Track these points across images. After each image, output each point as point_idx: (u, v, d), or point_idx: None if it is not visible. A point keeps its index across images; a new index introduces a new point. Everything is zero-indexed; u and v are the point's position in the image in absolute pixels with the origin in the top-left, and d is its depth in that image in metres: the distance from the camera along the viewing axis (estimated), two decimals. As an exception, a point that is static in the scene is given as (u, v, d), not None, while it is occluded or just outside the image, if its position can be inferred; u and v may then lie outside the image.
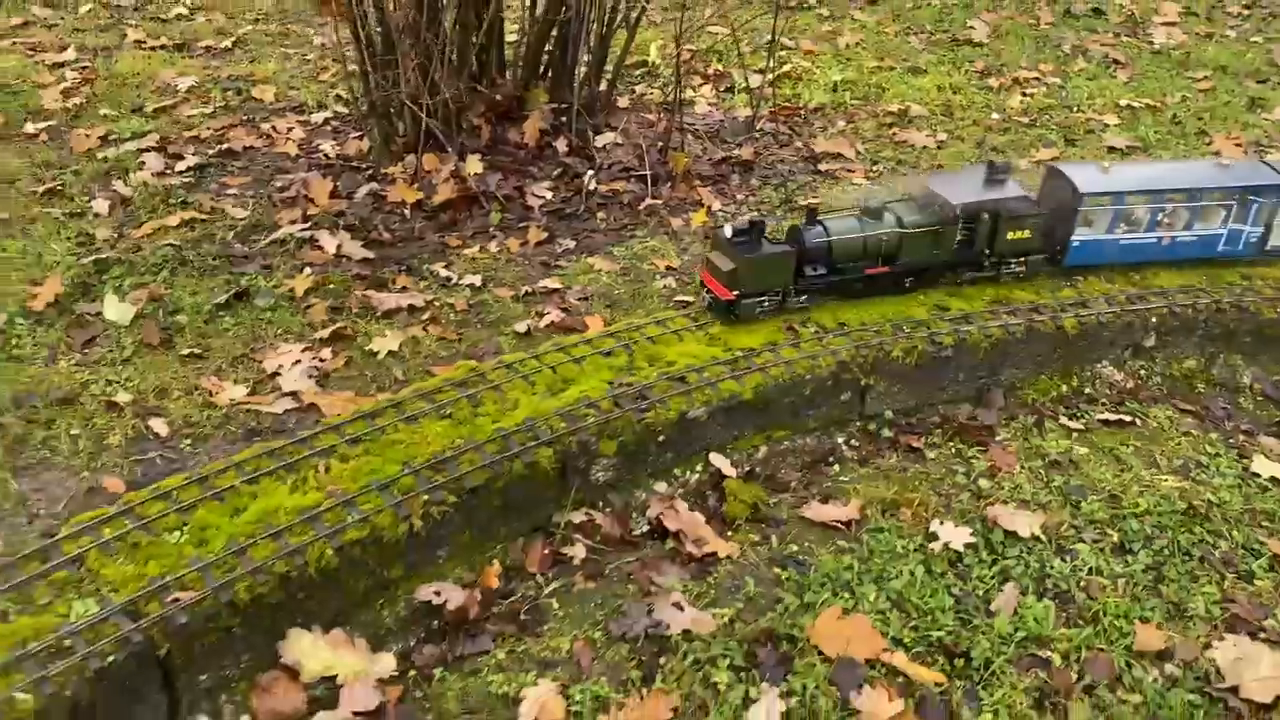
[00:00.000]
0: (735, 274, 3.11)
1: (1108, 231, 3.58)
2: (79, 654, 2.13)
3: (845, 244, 3.23)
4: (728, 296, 3.14)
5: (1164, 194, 3.56)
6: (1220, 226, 3.68)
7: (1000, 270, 3.49)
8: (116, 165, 4.35)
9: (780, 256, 3.15)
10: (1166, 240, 3.66)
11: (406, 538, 2.53)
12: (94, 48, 5.42)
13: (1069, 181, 3.50)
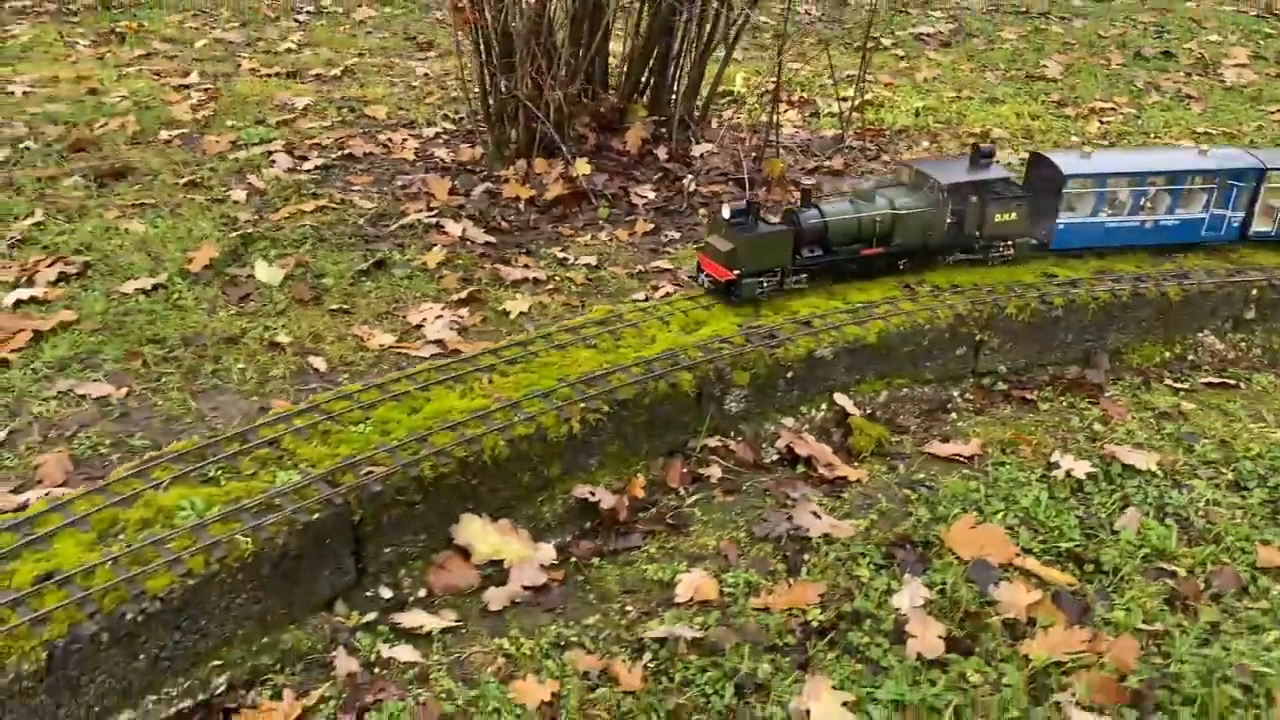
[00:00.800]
0: (734, 254, 3.25)
1: (1092, 215, 3.80)
2: (287, 510, 2.43)
3: (840, 226, 3.40)
4: (727, 276, 3.29)
5: (1145, 176, 3.78)
6: (1202, 211, 3.90)
7: (989, 253, 3.68)
8: (248, 164, 4.82)
9: (778, 235, 3.31)
10: (1150, 224, 3.87)
11: (566, 439, 2.84)
12: (213, 74, 6.00)
13: (1053, 165, 3.74)
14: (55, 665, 2.08)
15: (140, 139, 5.09)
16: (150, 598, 2.20)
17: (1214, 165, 3.87)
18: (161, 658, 2.26)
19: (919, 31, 7.69)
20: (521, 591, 2.64)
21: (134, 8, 7.07)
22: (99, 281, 3.75)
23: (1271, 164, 3.88)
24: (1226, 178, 3.87)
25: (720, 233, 3.33)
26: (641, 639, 2.50)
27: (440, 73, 6.25)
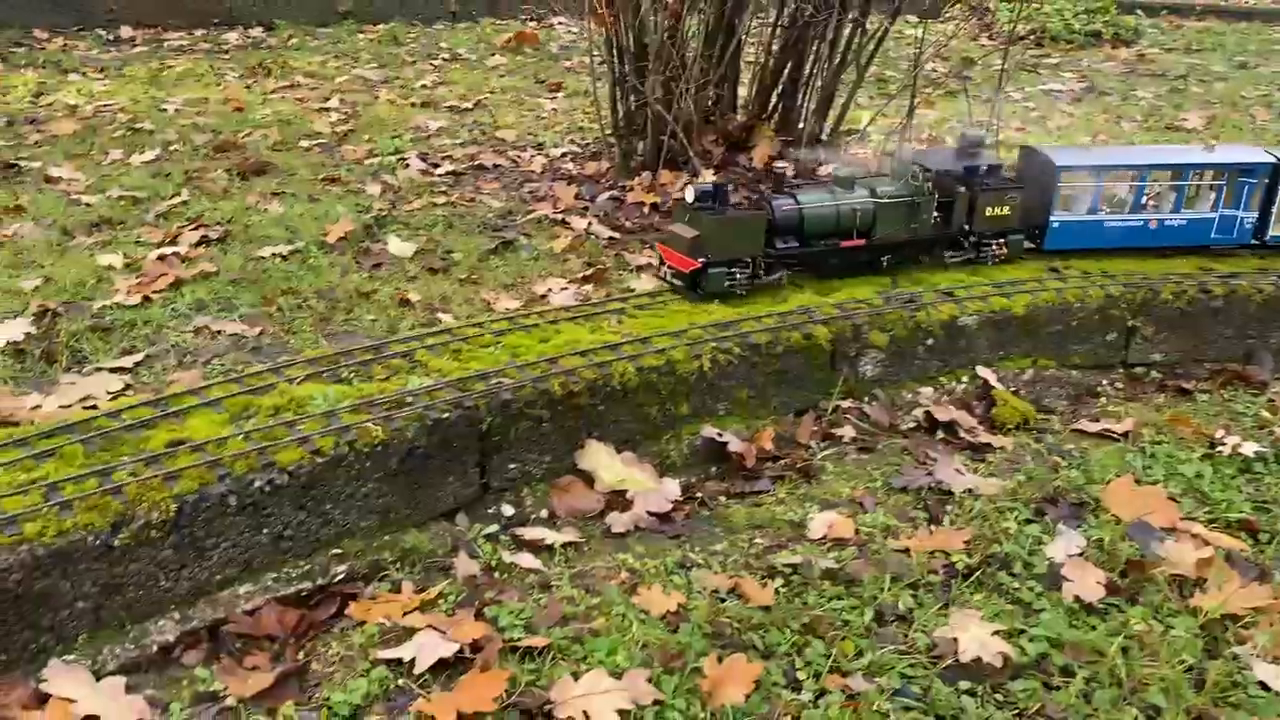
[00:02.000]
0: (699, 240, 3.00)
1: (1090, 213, 3.53)
2: (418, 407, 2.44)
3: (817, 215, 3.16)
4: (691, 266, 3.02)
5: (1147, 170, 3.50)
6: (1211, 211, 3.60)
7: (981, 250, 3.45)
8: (383, 167, 5.03)
9: (749, 219, 3.08)
10: (1154, 224, 3.57)
11: (696, 377, 2.80)
12: (352, 102, 6.34)
13: (1046, 158, 3.48)
14: (183, 520, 2.10)
15: (282, 147, 5.36)
16: (279, 469, 2.21)
17: (1222, 160, 3.57)
18: (284, 536, 2.26)
19: (1049, 88, 7.66)
20: (646, 517, 2.58)
21: (280, 48, 7.57)
22: (238, 247, 3.91)
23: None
24: (1236, 174, 3.55)
25: (684, 219, 3.08)
26: (772, 565, 2.40)
27: (568, 108, 6.47)
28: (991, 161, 3.39)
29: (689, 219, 3.06)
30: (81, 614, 2.01)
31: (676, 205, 3.17)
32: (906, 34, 8.68)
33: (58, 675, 1.93)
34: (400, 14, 8.36)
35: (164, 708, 1.93)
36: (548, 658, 2.06)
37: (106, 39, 7.21)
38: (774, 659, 2.08)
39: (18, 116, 5.49)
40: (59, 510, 1.98)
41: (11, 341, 2.93)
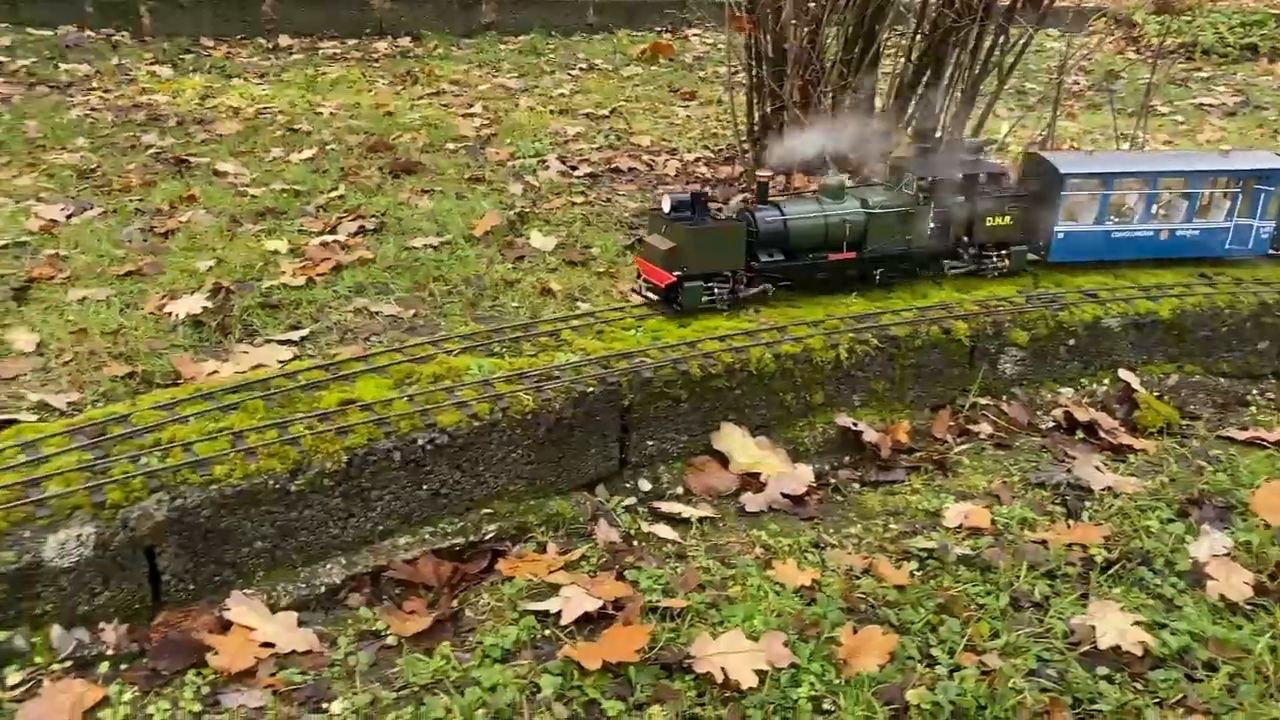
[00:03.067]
0: (675, 252, 2.83)
1: (1096, 222, 3.33)
2: (564, 381, 2.58)
3: (803, 226, 3.00)
4: (666, 280, 2.85)
5: (1157, 178, 3.30)
6: (1225, 220, 3.39)
7: (981, 263, 3.27)
8: (524, 169, 5.25)
9: (728, 231, 2.90)
10: (1164, 234, 3.37)
11: (831, 366, 2.86)
12: (494, 108, 6.62)
13: (1049, 165, 3.30)
14: (352, 472, 2.28)
15: (429, 149, 5.65)
16: (439, 430, 2.37)
17: (1236, 166, 3.38)
18: (441, 493, 2.42)
19: (1200, 102, 7.44)
20: (780, 499, 2.65)
21: (426, 57, 7.94)
22: (392, 237, 4.15)
23: None
24: (1252, 181, 3.36)
25: (660, 230, 2.92)
26: (907, 548, 2.45)
27: (702, 116, 6.62)
28: (993, 169, 3.25)
29: (665, 230, 2.89)
30: (260, 553, 2.20)
31: (652, 215, 2.99)
32: (1047, 46, 8.56)
33: (238, 605, 2.12)
34: (540, 26, 8.66)
35: (332, 642, 2.10)
36: (686, 619, 2.16)
37: (266, 47, 7.68)
38: (908, 635, 2.13)
39: (187, 117, 5.90)
40: (244, 456, 2.18)
41: (191, 314, 3.20)
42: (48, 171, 4.73)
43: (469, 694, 1.93)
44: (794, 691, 1.96)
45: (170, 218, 4.13)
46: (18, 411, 2.58)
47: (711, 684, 1.98)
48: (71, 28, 7.17)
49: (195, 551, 2.11)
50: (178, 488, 2.08)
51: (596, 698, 1.94)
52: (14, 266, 3.56)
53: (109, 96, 6.20)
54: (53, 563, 1.94)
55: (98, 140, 5.30)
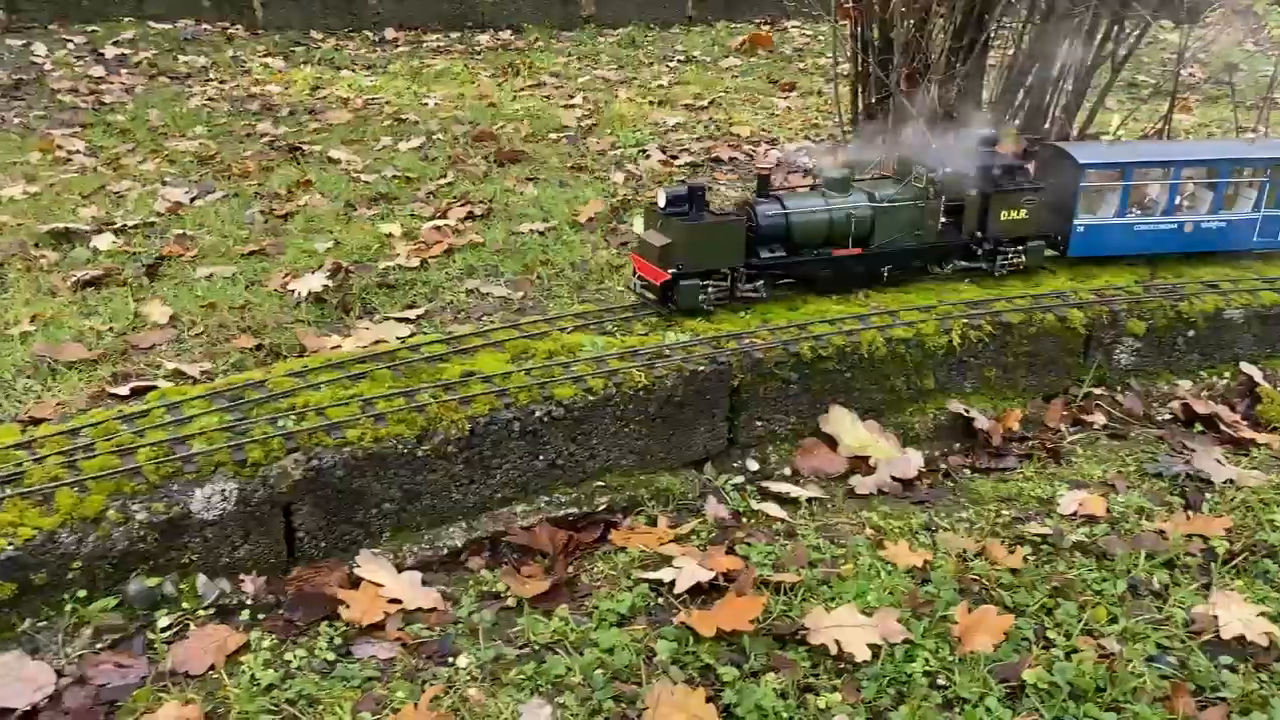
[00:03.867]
0: (670, 249, 2.74)
1: (1117, 215, 3.16)
2: (676, 359, 2.64)
3: (806, 221, 2.89)
4: (661, 278, 2.76)
5: (1180, 167, 3.12)
6: (1253, 212, 3.20)
7: (995, 260, 3.11)
8: (625, 158, 5.33)
9: (726, 226, 2.80)
10: (1189, 227, 3.20)
11: (944, 352, 2.87)
12: (594, 100, 6.73)
13: (1068, 156, 3.14)
14: (474, 440, 2.37)
15: (531, 138, 5.77)
16: (556, 403, 2.45)
17: (1264, 154, 3.20)
18: (556, 464, 2.50)
19: (1327, 95, 7.17)
20: (889, 482, 2.67)
21: (527, 50, 8.10)
22: (499, 223, 4.27)
23: None
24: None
25: (655, 225, 2.84)
26: (1020, 534, 2.45)
27: (802, 107, 6.63)
28: (1007, 161, 3.12)
29: (660, 225, 2.80)
30: (387, 514, 2.31)
31: (648, 210, 2.91)
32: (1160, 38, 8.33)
33: (367, 563, 2.23)
34: (638, 18, 8.75)
35: (455, 601, 2.20)
36: (798, 593, 2.20)
37: (373, 39, 7.92)
38: (1023, 617, 2.14)
39: (299, 107, 6.13)
40: (374, 421, 2.29)
41: (313, 291, 3.34)
42: (170, 157, 4.96)
43: (588, 654, 2.00)
44: (908, 666, 1.99)
45: (288, 201, 4.31)
46: (156, 378, 2.74)
47: (825, 655, 2.02)
48: (190, 21, 7.49)
49: (328, 510, 2.23)
50: (313, 449, 2.19)
51: (711, 663, 2.00)
52: (145, 245, 3.76)
53: (225, 87, 6.47)
54: (199, 515, 2.07)
55: (215, 128, 5.54)
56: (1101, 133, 6.17)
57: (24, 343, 2.92)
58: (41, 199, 4.23)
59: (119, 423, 2.21)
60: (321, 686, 1.91)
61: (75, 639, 1.93)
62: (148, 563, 2.03)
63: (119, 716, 1.82)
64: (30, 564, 1.90)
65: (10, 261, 3.53)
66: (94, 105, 5.85)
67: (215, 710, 1.84)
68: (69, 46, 6.84)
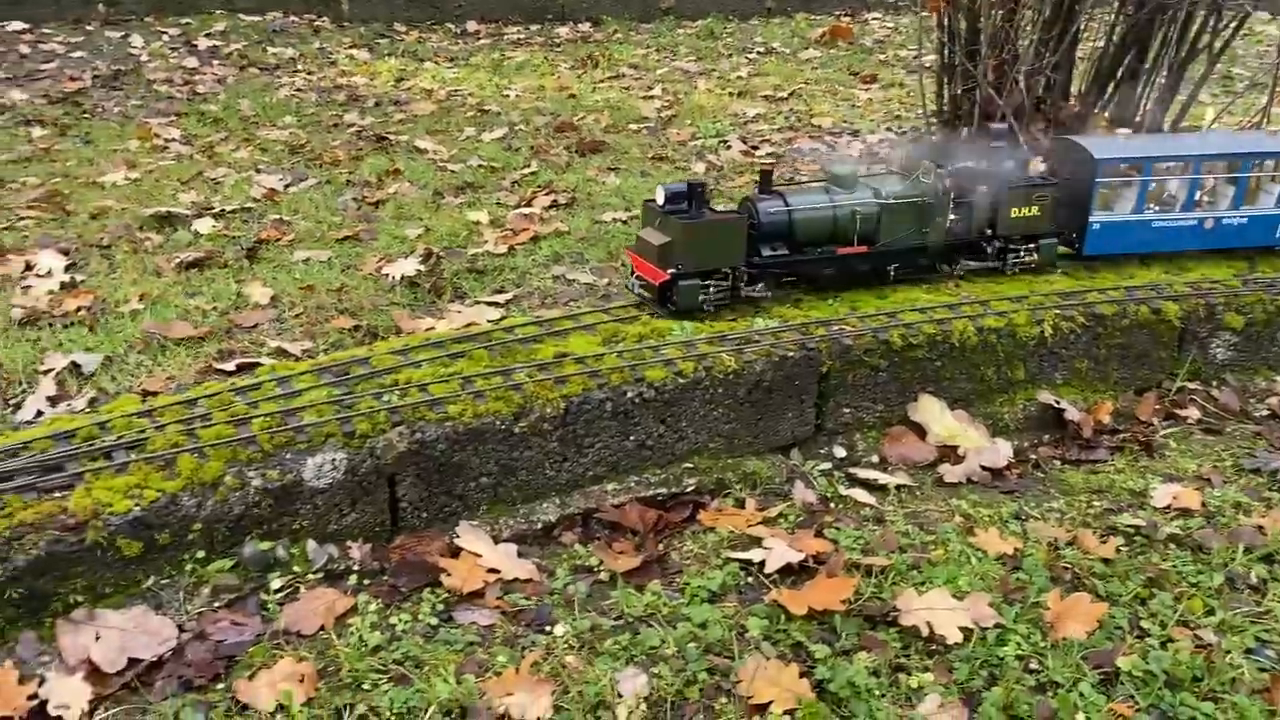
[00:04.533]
0: (670, 248, 2.67)
1: (1135, 212, 3.05)
2: (765, 345, 2.68)
3: (809, 219, 2.81)
4: (660, 278, 2.70)
5: (1200, 162, 3.02)
6: (1277, 207, 3.10)
7: (1006, 259, 3.02)
8: (706, 149, 5.38)
9: (728, 224, 2.73)
10: (1210, 224, 3.09)
11: (1035, 342, 2.87)
12: (673, 91, 6.79)
13: (1084, 150, 3.03)
14: (569, 419, 2.44)
15: (612, 129, 5.84)
16: (647, 384, 2.52)
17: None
18: (646, 445, 2.56)
19: None
20: (979, 471, 2.69)
21: (606, 42, 8.19)
22: (583, 211, 4.35)
23: None
24: None
25: (654, 223, 2.77)
26: (1113, 525, 2.45)
27: (883, 98, 6.61)
28: (1019, 155, 3.03)
29: (659, 223, 2.74)
30: (484, 488, 2.39)
31: (644, 207, 2.84)
32: (1256, 30, 8.14)
33: (466, 534, 2.32)
34: (717, 10, 8.78)
35: (550, 573, 2.27)
36: (888, 576, 2.23)
37: (455, 32, 8.07)
38: (1117, 605, 2.14)
39: (384, 98, 6.28)
40: (473, 398, 2.37)
41: (406, 276, 3.44)
42: (261, 146, 5.13)
43: (681, 628, 2.06)
44: (1000, 650, 2.01)
45: (379, 189, 4.44)
46: (259, 355, 2.86)
47: (916, 637, 2.05)
48: (278, 14, 7.71)
49: (429, 482, 2.32)
50: (416, 423, 2.28)
51: (803, 641, 2.04)
52: (243, 229, 3.91)
53: (312, 78, 6.65)
54: (310, 483, 2.17)
55: (304, 118, 5.71)
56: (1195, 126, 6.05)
57: (134, 320, 3.06)
58: (142, 184, 4.41)
59: (233, 394, 2.32)
60: (426, 649, 1.99)
61: (195, 597, 2.04)
62: (261, 527, 2.14)
63: (236, 670, 1.92)
64: (155, 524, 2.02)
65: (117, 243, 3.70)
66: (188, 95, 6.06)
67: (326, 668, 1.93)
68: (164, 38, 7.09)
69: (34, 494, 2.00)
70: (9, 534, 1.91)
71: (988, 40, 4.90)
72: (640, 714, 1.85)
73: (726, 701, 1.90)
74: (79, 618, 1.95)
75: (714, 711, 1.88)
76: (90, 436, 2.15)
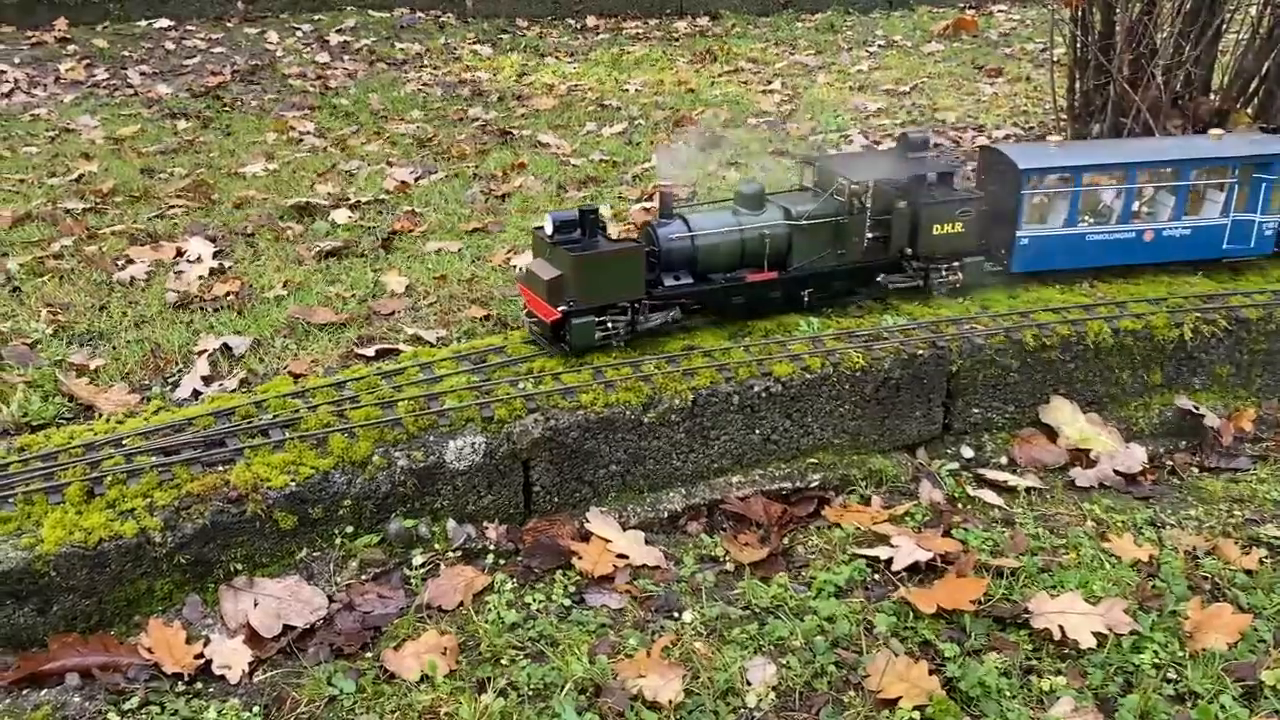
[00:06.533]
0: (561, 282, 2.44)
1: (1067, 225, 2.81)
2: (893, 342, 2.69)
3: (715, 243, 2.61)
4: (552, 316, 2.46)
5: (1135, 169, 2.76)
6: (1222, 216, 2.83)
7: (930, 278, 2.77)
8: (827, 143, 5.36)
9: (624, 255, 2.48)
10: (1149, 236, 2.83)
11: (1174, 346, 2.81)
12: (792, 85, 6.78)
13: (1007, 160, 2.77)
14: (696, 410, 2.49)
15: (731, 124, 5.87)
16: (774, 379, 2.55)
17: (1231, 153, 2.83)
18: (771, 439, 2.59)
19: None
20: (1111, 476, 2.64)
21: (724, 36, 8.21)
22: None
23: None
24: (1250, 169, 2.81)
25: (544, 255, 2.53)
26: (1255, 535, 2.38)
27: (1009, 93, 6.48)
28: (941, 168, 2.78)
29: (549, 255, 2.50)
30: (613, 475, 2.46)
31: (533, 236, 2.58)
32: None
33: (596, 520, 2.39)
34: (837, 3, 8.71)
35: (677, 560, 2.33)
36: (1018, 578, 2.22)
37: (575, 27, 8.19)
38: (1261, 618, 2.09)
39: (507, 93, 6.42)
40: (604, 388, 2.44)
41: (532, 266, 3.54)
42: (391, 139, 5.31)
43: (808, 621, 2.09)
44: (1136, 657, 1.99)
45: (504, 183, 4.56)
46: (397, 342, 2.98)
47: (1048, 640, 2.04)
48: (405, 10, 7.95)
49: (561, 468, 2.39)
50: (550, 410, 2.36)
51: (931, 639, 2.05)
52: (378, 220, 4.06)
53: (437, 73, 6.84)
54: (451, 464, 2.27)
55: (430, 112, 5.88)
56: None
57: (279, 305, 3.23)
58: (281, 175, 4.61)
59: (379, 378, 2.44)
60: (560, 629, 2.07)
61: (343, 569, 2.16)
62: (405, 505, 2.25)
63: (383, 641, 2.03)
64: (309, 499, 2.14)
65: (260, 232, 3.89)
66: (320, 89, 6.30)
67: (466, 642, 2.03)
68: (297, 34, 7.38)
69: (199, 467, 2.14)
70: (177, 504, 2.05)
71: (1124, 33, 4.78)
72: (770, 702, 1.89)
73: (855, 695, 1.92)
74: (239, 585, 2.08)
75: (843, 704, 1.91)
76: (248, 415, 2.29)
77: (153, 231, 3.84)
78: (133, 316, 3.14)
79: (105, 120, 5.40)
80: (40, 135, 5.13)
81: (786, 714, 1.89)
